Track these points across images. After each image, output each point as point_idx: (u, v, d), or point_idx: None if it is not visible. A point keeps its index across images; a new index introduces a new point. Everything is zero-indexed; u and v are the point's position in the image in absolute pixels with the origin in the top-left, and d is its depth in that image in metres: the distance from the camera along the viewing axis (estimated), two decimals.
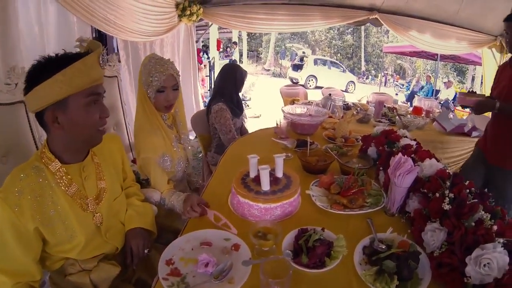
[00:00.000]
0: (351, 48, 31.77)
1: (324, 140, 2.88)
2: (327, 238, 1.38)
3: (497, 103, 2.54)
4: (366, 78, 27.61)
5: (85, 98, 1.27)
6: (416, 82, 16.54)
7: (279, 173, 1.77)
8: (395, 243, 1.39)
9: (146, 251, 1.59)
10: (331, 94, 4.81)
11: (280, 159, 1.75)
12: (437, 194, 1.47)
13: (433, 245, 1.33)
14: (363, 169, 1.97)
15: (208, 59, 11.82)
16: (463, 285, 1.15)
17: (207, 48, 13.14)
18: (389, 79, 25.41)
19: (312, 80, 19.60)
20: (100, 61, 1.31)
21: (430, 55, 14.57)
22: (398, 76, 26.47)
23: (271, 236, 1.35)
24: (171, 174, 2.08)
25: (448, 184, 1.51)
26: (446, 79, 18.26)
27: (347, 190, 1.75)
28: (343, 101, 4.85)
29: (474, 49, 6.33)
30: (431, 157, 1.83)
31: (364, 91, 13.97)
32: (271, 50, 29.21)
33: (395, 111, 4.62)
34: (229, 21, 5.77)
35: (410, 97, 14.56)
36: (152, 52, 2.30)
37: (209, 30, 10.09)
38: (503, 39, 2.71)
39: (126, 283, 1.62)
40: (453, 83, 16.29)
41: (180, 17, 5.25)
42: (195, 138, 3.56)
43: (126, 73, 4.51)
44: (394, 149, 2.08)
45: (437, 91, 14.57)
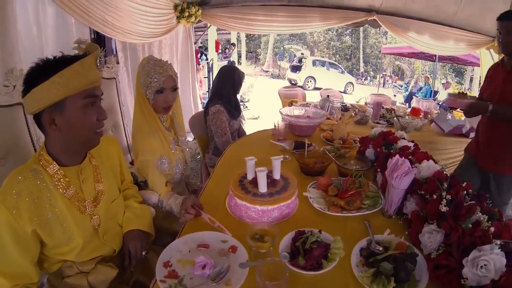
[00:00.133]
0: (350, 49, 31.84)
1: (322, 142, 2.88)
2: (324, 240, 1.38)
3: (490, 106, 2.44)
4: (365, 79, 27.64)
5: (82, 100, 1.27)
6: (414, 83, 16.55)
7: (277, 175, 1.78)
8: (392, 245, 1.39)
9: (144, 253, 1.59)
10: (329, 95, 4.81)
11: (277, 161, 1.75)
12: (435, 196, 1.47)
13: (430, 247, 1.34)
14: (360, 171, 1.97)
15: (207, 60, 11.81)
16: (460, 287, 1.15)
17: (205, 49, 13.12)
18: (387, 80, 25.47)
19: (310, 81, 19.62)
20: (98, 64, 1.31)
21: (429, 56, 14.60)
22: (397, 77, 26.53)
23: (268, 238, 1.35)
24: (169, 177, 2.08)
25: (446, 185, 1.50)
26: (444, 80, 18.32)
27: (344, 192, 1.75)
28: (341, 102, 4.85)
29: (473, 50, 6.34)
30: (429, 158, 1.84)
31: (362, 92, 13.99)
32: (269, 51, 29.23)
33: (393, 112, 4.62)
34: (228, 22, 5.77)
35: (409, 98, 14.60)
36: (150, 54, 2.30)
37: (207, 32, 10.08)
38: (496, 39, 2.65)
39: (124, 285, 1.62)
40: (451, 84, 16.32)
41: (178, 18, 5.25)
42: (193, 140, 3.56)
43: (125, 74, 4.52)
44: (392, 150, 2.09)
45: (436, 92, 14.60)
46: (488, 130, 2.71)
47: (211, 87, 4.54)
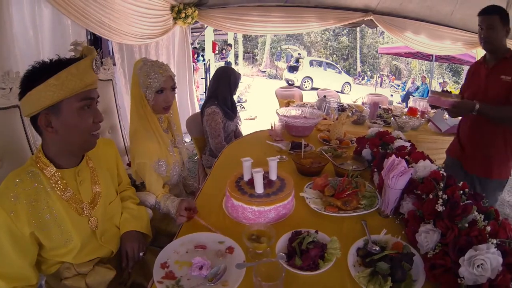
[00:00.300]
0: (347, 49, 31.82)
1: (319, 142, 2.89)
2: (320, 241, 1.38)
3: (477, 105, 2.32)
4: (362, 79, 27.64)
5: (79, 102, 1.28)
6: (411, 83, 16.57)
7: (273, 176, 1.78)
8: (389, 244, 1.40)
9: (141, 254, 1.59)
10: (326, 96, 4.82)
11: (273, 162, 1.76)
12: (431, 196, 1.48)
13: (427, 246, 1.34)
14: (357, 171, 1.98)
15: (204, 61, 11.79)
16: (457, 286, 1.15)
17: (202, 50, 13.09)
18: (384, 80, 25.48)
19: (308, 81, 19.63)
20: (94, 66, 1.31)
21: (425, 56, 14.61)
22: (394, 77, 26.53)
23: (264, 239, 1.36)
24: (166, 179, 2.09)
25: (442, 185, 1.51)
26: (441, 80, 18.36)
27: (341, 192, 1.76)
28: (338, 102, 4.86)
29: (469, 50, 6.35)
30: (425, 158, 1.84)
31: (360, 92, 14.00)
32: (266, 51, 29.21)
33: (390, 112, 4.64)
34: (224, 23, 5.77)
35: (406, 98, 14.59)
36: (146, 55, 2.31)
37: (204, 33, 10.06)
38: (478, 35, 2.54)
39: (121, 286, 1.63)
40: (448, 83, 16.34)
41: (175, 19, 5.25)
42: (190, 141, 3.56)
43: (122, 76, 4.51)
44: (388, 150, 2.09)
45: None
46: (473, 131, 2.64)
47: (207, 88, 4.53)
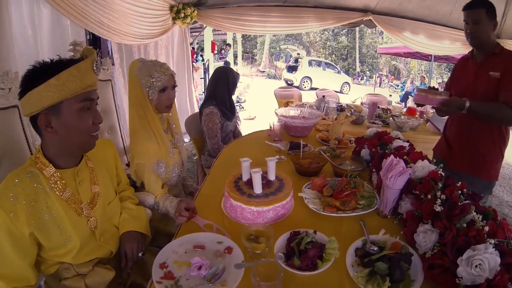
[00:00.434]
0: (346, 49, 31.85)
1: (317, 142, 2.90)
2: (319, 241, 1.38)
3: (467, 102, 2.21)
4: (361, 79, 27.69)
5: (78, 103, 1.28)
6: (410, 83, 16.59)
7: (272, 176, 1.78)
8: (387, 244, 1.40)
9: (140, 254, 1.59)
10: (324, 96, 4.82)
11: (272, 162, 1.76)
12: (429, 196, 1.47)
13: (425, 246, 1.34)
14: (355, 171, 1.98)
15: (203, 61, 11.78)
16: (455, 286, 1.15)
17: (201, 50, 13.08)
18: (383, 80, 25.51)
19: (307, 81, 19.65)
20: (94, 68, 1.32)
21: (424, 56, 14.62)
22: (393, 77, 26.56)
23: (263, 239, 1.36)
24: (165, 180, 2.09)
25: (440, 185, 1.51)
26: (440, 80, 18.35)
27: (339, 193, 1.76)
28: (336, 102, 4.86)
29: (468, 49, 6.33)
30: (424, 158, 1.84)
31: (359, 92, 14.03)
32: (265, 51, 29.24)
33: (389, 112, 4.64)
34: (224, 23, 5.77)
35: (404, 98, 14.61)
36: (146, 55, 2.31)
37: (203, 33, 10.06)
38: (464, 30, 2.58)
39: (121, 286, 1.63)
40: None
41: (174, 19, 5.25)
42: (189, 141, 3.56)
43: (121, 76, 4.51)
44: (387, 151, 2.09)
45: None
46: (461, 130, 2.56)
47: (206, 88, 4.53)
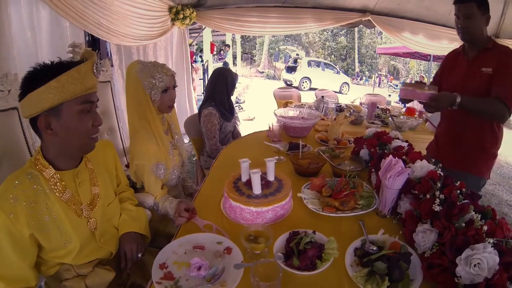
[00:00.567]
0: (345, 50, 31.89)
1: (316, 143, 2.90)
2: (318, 241, 1.39)
3: (458, 97, 2.10)
4: (360, 79, 27.70)
5: (79, 105, 1.29)
6: None
7: (271, 177, 1.79)
8: (386, 244, 1.41)
9: (139, 255, 1.60)
10: (323, 96, 4.82)
11: (271, 163, 1.77)
12: (428, 196, 1.48)
13: (424, 246, 1.35)
14: (354, 171, 1.98)
15: (202, 62, 11.79)
16: (454, 286, 1.15)
17: (200, 51, 13.09)
18: (383, 80, 25.51)
19: (306, 82, 19.66)
20: (94, 70, 1.32)
21: (423, 56, 14.63)
22: (392, 77, 26.58)
23: (262, 240, 1.36)
24: (165, 181, 2.09)
25: (439, 185, 1.51)
26: None
27: (338, 193, 1.76)
28: (336, 103, 4.85)
29: None
30: (422, 158, 1.84)
31: (358, 92, 14.02)
32: (264, 52, 29.26)
33: (388, 112, 4.64)
34: (223, 24, 5.77)
35: None
36: (145, 57, 2.31)
37: (202, 34, 10.08)
38: (455, 25, 2.39)
39: (121, 287, 1.63)
40: None
41: (173, 20, 5.25)
42: (188, 142, 3.57)
43: (120, 77, 4.50)
44: (386, 151, 2.09)
45: None
46: (453, 126, 2.50)
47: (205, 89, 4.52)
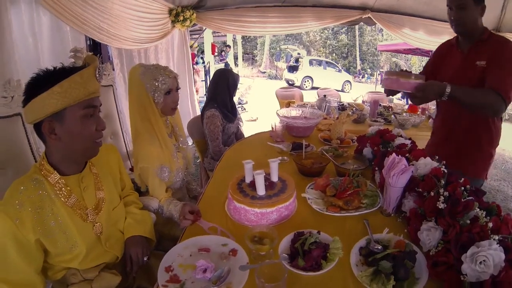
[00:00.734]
0: (346, 48, 31.74)
1: (320, 142, 2.89)
2: (323, 241, 1.39)
3: (448, 87, 1.94)
4: (362, 77, 27.59)
5: (82, 110, 1.30)
6: None
7: (274, 178, 1.79)
8: (391, 243, 1.40)
9: (145, 258, 1.60)
10: (326, 95, 4.82)
11: (274, 163, 1.76)
12: (432, 193, 1.47)
13: (429, 244, 1.34)
14: (358, 170, 1.98)
15: (204, 63, 11.78)
16: (460, 283, 1.15)
17: (202, 52, 13.08)
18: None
19: (308, 81, 19.62)
20: (97, 75, 1.33)
21: (425, 52, 14.50)
22: None
23: (267, 241, 1.36)
24: (169, 183, 2.09)
25: (443, 182, 1.50)
26: None
27: (342, 192, 1.76)
28: (338, 101, 4.85)
29: None
30: (426, 155, 1.84)
31: (360, 90, 13.98)
32: (266, 52, 29.19)
33: (390, 109, 4.63)
34: (223, 25, 5.78)
35: (406, 95, 14.52)
36: (146, 60, 2.32)
37: (203, 35, 10.08)
38: (448, 17, 2.30)
39: None
40: None
41: (173, 23, 5.26)
42: (192, 144, 3.57)
43: (122, 81, 4.51)
44: (389, 149, 2.09)
45: None
46: (446, 122, 2.41)
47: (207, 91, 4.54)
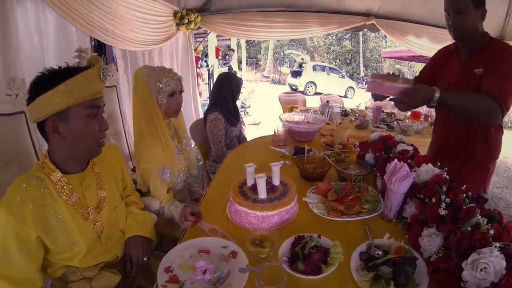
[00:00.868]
0: (350, 54, 31.76)
1: (322, 147, 2.89)
2: (323, 245, 1.38)
3: (437, 92, 1.84)
4: (365, 83, 27.53)
5: (86, 110, 1.31)
6: None
7: (276, 181, 1.79)
8: (392, 248, 1.40)
9: (145, 258, 1.61)
10: (328, 101, 4.82)
11: (276, 167, 1.77)
12: (434, 199, 1.46)
13: (430, 250, 1.34)
14: (360, 175, 1.97)
15: (207, 67, 11.81)
16: None
17: (206, 56, 13.12)
18: None
19: (311, 86, 19.63)
20: (101, 76, 1.34)
21: (428, 59, 14.52)
22: None
23: (267, 244, 1.36)
24: (170, 185, 2.10)
25: (445, 189, 1.50)
26: None
27: (344, 197, 1.75)
28: (341, 107, 4.85)
29: None
30: (428, 162, 1.83)
31: (363, 96, 13.95)
32: (269, 57, 29.24)
33: (393, 116, 4.63)
34: (227, 28, 5.79)
35: None
36: (150, 61, 2.33)
37: (207, 38, 10.11)
38: (446, 22, 2.26)
39: None
40: None
41: (178, 25, 5.27)
42: (194, 147, 3.58)
43: (125, 82, 4.51)
44: (391, 155, 2.09)
45: None
46: (441, 131, 2.39)
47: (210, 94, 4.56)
